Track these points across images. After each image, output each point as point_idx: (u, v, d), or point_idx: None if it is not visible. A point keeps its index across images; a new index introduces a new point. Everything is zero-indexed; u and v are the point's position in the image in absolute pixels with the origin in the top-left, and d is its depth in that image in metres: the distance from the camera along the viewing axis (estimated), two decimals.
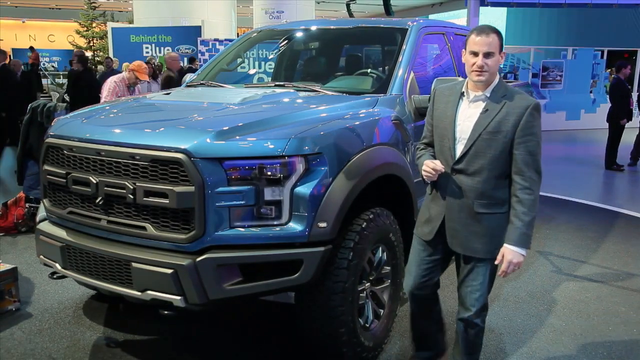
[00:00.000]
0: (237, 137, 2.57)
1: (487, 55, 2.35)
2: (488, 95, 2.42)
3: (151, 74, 11.25)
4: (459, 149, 2.44)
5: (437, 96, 2.59)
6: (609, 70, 14.55)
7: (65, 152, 2.85)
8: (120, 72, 11.84)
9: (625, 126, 9.17)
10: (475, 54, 2.36)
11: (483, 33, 2.35)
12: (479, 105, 2.43)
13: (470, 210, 2.44)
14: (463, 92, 2.49)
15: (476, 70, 2.37)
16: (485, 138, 2.38)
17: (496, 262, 2.43)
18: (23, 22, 30.99)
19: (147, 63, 11.60)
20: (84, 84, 8.28)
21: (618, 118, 9.01)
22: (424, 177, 2.49)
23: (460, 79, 2.67)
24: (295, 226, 2.55)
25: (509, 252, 2.37)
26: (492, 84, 2.42)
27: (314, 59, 4.74)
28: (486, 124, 2.38)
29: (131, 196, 2.56)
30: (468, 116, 2.44)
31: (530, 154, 2.36)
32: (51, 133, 3.01)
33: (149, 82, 10.75)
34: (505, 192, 2.43)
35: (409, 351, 3.13)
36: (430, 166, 2.42)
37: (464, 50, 2.45)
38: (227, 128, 2.62)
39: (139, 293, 2.60)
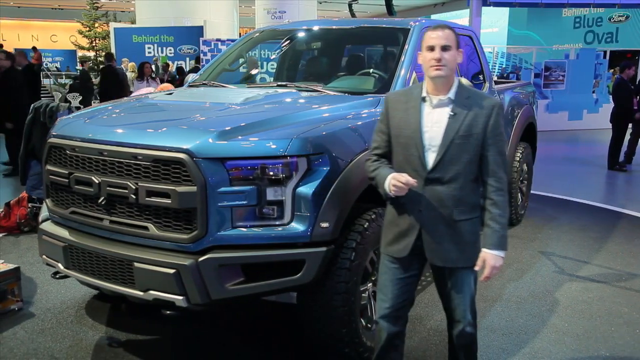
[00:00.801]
0: (240, 137, 2.57)
1: (445, 48, 2.25)
2: (453, 98, 2.30)
3: (149, 74, 11.34)
4: (431, 157, 2.29)
5: (392, 103, 2.41)
6: (612, 70, 14.52)
7: (67, 152, 2.86)
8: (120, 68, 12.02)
9: (629, 126, 9.16)
10: (432, 48, 2.27)
11: (438, 28, 2.29)
12: (445, 109, 2.30)
13: (449, 219, 2.32)
14: (424, 96, 2.34)
15: (434, 65, 2.25)
16: (458, 143, 2.28)
17: (477, 268, 2.36)
18: None
19: (147, 63, 11.71)
20: (12, 82, 7.88)
21: (622, 118, 9.00)
22: (392, 192, 2.26)
23: (464, 79, 2.62)
24: (298, 226, 2.55)
25: (491, 257, 2.29)
26: (454, 85, 2.33)
27: (316, 59, 4.74)
28: (457, 128, 2.28)
29: (133, 196, 2.56)
30: (435, 122, 2.30)
31: (500, 154, 2.32)
32: (54, 133, 3.02)
33: (148, 82, 10.81)
34: (479, 196, 2.37)
35: (412, 351, 3.14)
36: (402, 181, 2.21)
37: (419, 52, 2.35)
38: (229, 128, 2.62)
39: (142, 293, 2.60)
